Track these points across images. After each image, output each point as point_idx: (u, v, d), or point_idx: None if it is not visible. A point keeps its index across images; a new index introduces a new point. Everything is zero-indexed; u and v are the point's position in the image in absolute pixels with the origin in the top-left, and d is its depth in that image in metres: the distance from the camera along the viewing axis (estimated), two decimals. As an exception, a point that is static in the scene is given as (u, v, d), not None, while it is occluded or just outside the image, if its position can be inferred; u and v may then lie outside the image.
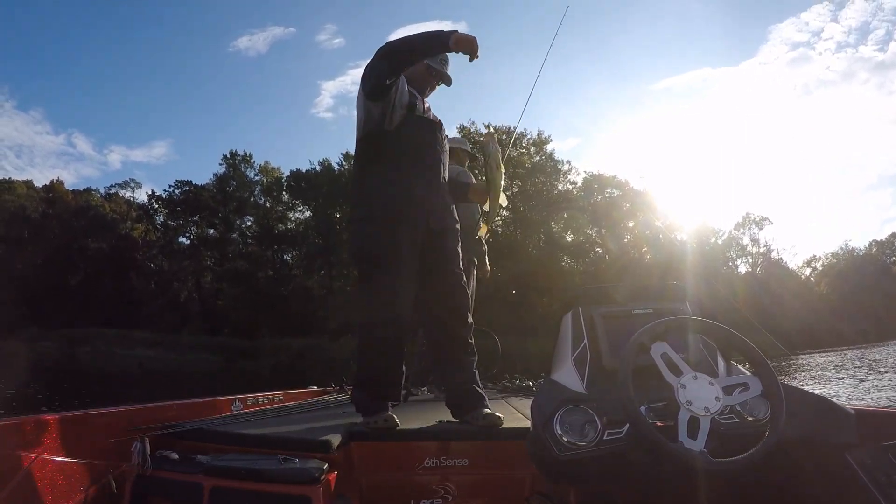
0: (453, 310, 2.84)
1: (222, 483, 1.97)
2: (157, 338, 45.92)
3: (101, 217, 57.83)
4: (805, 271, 58.34)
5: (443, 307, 2.84)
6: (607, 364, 2.05)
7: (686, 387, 1.75)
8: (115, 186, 63.22)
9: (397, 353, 2.73)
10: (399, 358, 2.74)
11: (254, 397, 3.68)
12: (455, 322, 2.83)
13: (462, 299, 2.86)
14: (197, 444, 2.29)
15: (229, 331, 46.13)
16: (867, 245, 60.33)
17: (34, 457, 1.75)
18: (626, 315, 2.18)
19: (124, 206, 60.69)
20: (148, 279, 50.44)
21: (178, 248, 54.22)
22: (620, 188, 51.84)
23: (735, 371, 2.05)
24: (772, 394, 1.76)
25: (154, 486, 2.00)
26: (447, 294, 2.84)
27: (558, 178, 52.66)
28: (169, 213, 55.53)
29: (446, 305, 2.84)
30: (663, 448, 1.64)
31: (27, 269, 53.48)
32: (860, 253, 59.17)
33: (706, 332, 1.96)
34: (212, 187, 54.83)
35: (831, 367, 21.01)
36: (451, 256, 2.87)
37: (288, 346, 38.82)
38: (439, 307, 2.84)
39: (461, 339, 2.83)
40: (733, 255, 54.64)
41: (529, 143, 51.90)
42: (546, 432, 1.82)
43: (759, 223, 54.18)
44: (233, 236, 54.58)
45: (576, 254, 50.28)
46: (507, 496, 2.47)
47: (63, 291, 53.35)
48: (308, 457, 2.16)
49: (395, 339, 2.71)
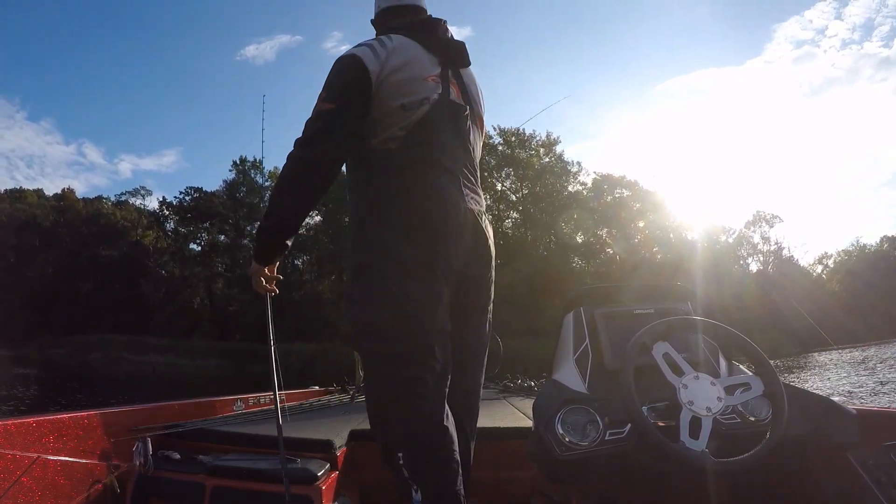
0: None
1: (224, 483, 1.97)
2: (169, 344, 46.15)
3: (111, 225, 58.26)
4: (816, 269, 57.95)
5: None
6: (609, 364, 2.05)
7: (688, 387, 1.74)
8: (126, 194, 63.78)
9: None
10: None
11: (255, 397, 3.68)
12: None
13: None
14: (198, 444, 2.29)
15: (240, 336, 46.22)
16: (879, 241, 59.87)
17: (37, 456, 1.76)
18: (628, 315, 2.17)
19: (135, 214, 61.08)
20: (159, 286, 50.59)
21: (189, 254, 54.35)
22: (630, 188, 51.70)
23: (737, 371, 2.04)
24: (773, 394, 1.75)
25: (156, 486, 2.01)
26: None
27: (568, 179, 52.58)
28: (179, 220, 55.79)
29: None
30: (665, 448, 1.64)
31: (39, 277, 53.93)
32: (872, 249, 58.69)
33: (708, 331, 1.96)
34: (222, 193, 55.11)
35: (843, 364, 20.85)
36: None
37: (299, 350, 38.83)
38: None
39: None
40: (744, 253, 54.36)
41: (539, 144, 51.87)
42: (548, 432, 1.82)
43: (769, 221, 53.87)
44: (244, 242, 54.68)
45: (586, 255, 50.13)
46: (510, 496, 2.47)
47: (74, 299, 53.76)
48: (309, 457, 2.17)
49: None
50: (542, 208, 50.72)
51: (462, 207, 1.93)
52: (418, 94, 1.91)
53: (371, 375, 1.89)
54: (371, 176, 1.92)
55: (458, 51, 2.11)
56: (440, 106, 1.96)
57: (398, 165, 1.89)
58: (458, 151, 2.01)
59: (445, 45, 2.07)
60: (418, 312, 1.82)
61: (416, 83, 1.92)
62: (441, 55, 2.03)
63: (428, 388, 1.80)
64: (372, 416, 1.92)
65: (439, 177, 1.91)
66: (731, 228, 54.87)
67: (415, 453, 1.76)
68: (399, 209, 1.85)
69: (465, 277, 1.97)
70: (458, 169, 1.99)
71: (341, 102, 1.84)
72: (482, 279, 2.08)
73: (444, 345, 1.85)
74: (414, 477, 1.73)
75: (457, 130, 2.03)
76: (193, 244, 55.98)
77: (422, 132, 1.91)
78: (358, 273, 1.89)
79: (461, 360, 1.98)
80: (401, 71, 1.89)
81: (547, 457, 1.80)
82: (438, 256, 1.85)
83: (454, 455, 1.79)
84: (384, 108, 1.88)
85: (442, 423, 1.80)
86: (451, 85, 2.04)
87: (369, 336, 1.85)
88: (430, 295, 1.84)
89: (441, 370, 1.84)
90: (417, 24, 2.07)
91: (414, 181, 1.88)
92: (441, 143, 1.96)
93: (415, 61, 1.95)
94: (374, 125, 1.89)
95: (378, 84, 1.86)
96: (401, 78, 1.89)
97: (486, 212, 2.10)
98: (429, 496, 1.72)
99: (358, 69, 1.85)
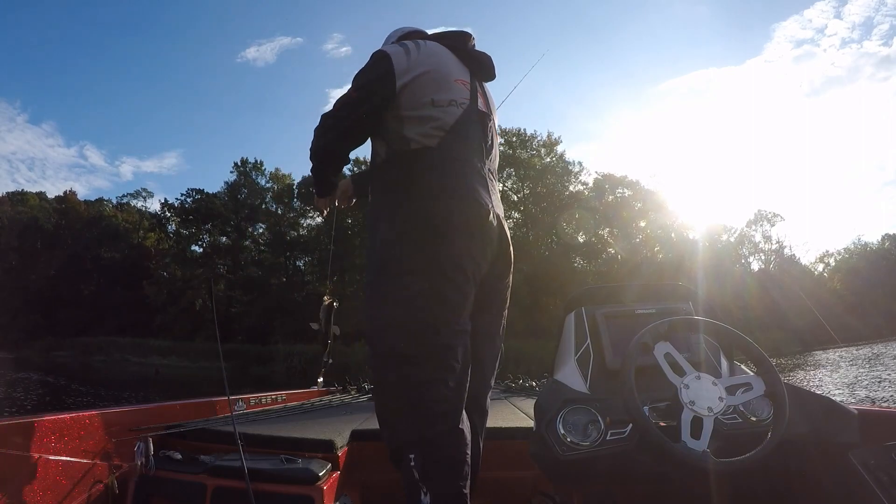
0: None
1: (225, 483, 1.97)
2: (171, 345, 46.20)
3: (113, 227, 58.46)
4: (818, 267, 57.92)
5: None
6: (610, 364, 2.05)
7: (689, 387, 1.74)
8: (127, 196, 64.01)
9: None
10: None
11: (257, 397, 3.67)
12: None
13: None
14: (200, 444, 2.29)
15: (243, 337, 46.28)
16: (880, 239, 59.78)
17: (37, 456, 1.76)
18: (629, 315, 2.17)
19: (136, 216, 61.23)
20: (161, 288, 50.60)
21: (190, 256, 54.31)
22: (631, 188, 51.64)
23: (738, 371, 2.04)
24: (775, 394, 1.75)
25: (157, 487, 2.01)
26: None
27: (569, 179, 52.54)
28: (181, 222, 55.85)
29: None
30: (666, 448, 1.64)
31: (41, 279, 54.08)
32: (873, 248, 58.60)
33: (709, 331, 1.96)
34: (223, 195, 55.14)
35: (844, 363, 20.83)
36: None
37: (301, 351, 38.85)
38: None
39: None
40: (746, 252, 54.29)
41: (540, 144, 51.84)
42: (549, 432, 1.81)
43: (771, 220, 53.80)
44: (245, 243, 54.72)
45: (587, 254, 50.05)
46: (511, 496, 2.47)
47: (77, 301, 53.94)
48: (311, 457, 2.17)
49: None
50: (543, 208, 50.66)
51: (492, 210, 1.97)
52: (447, 93, 2.00)
53: (386, 375, 1.86)
54: (405, 172, 1.96)
55: (485, 64, 2.21)
56: (471, 112, 2.05)
57: (434, 164, 1.94)
58: (486, 157, 2.08)
59: (473, 57, 2.16)
60: (443, 311, 1.84)
61: (444, 83, 2.01)
62: (469, 65, 2.14)
63: (448, 388, 1.80)
64: (382, 415, 1.91)
65: (472, 178, 1.97)
66: (732, 227, 54.84)
67: (427, 454, 1.74)
68: (434, 207, 1.89)
69: (487, 280, 2.01)
70: (486, 173, 2.05)
71: (363, 93, 1.97)
72: (501, 283, 2.13)
73: (466, 345, 1.87)
74: (424, 478, 1.71)
75: (484, 137, 2.10)
76: (195, 246, 56.08)
77: (457, 133, 1.98)
78: (384, 268, 1.90)
79: (475, 361, 1.99)
80: (430, 70, 1.99)
81: (548, 457, 1.80)
82: (468, 256, 1.88)
83: (466, 458, 1.79)
84: (415, 103, 1.96)
85: (458, 426, 1.80)
86: (479, 95, 2.12)
87: (391, 334, 1.85)
88: (458, 294, 1.87)
89: (461, 371, 1.84)
90: (448, 35, 2.19)
91: (449, 180, 1.93)
92: (473, 147, 2.03)
93: (444, 63, 2.05)
94: (410, 122, 1.96)
95: (406, 82, 1.95)
96: (430, 76, 1.98)
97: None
98: (437, 499, 1.70)
99: (385, 65, 1.96)
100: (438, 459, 1.75)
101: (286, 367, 37.76)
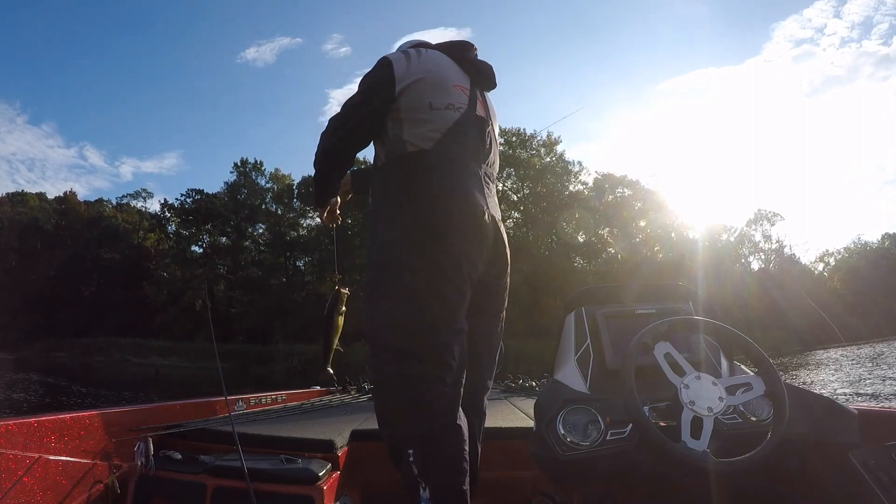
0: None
1: (225, 483, 1.97)
2: (171, 346, 46.17)
3: (113, 227, 58.46)
4: (818, 266, 57.85)
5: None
6: (610, 364, 2.05)
7: (689, 387, 1.74)
8: (127, 197, 64.01)
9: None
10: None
11: (257, 397, 3.66)
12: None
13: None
14: (200, 444, 2.29)
15: (243, 338, 46.27)
16: (880, 239, 59.69)
17: (37, 457, 1.75)
18: (629, 315, 2.17)
19: (136, 216, 61.22)
20: (161, 288, 50.58)
21: (190, 256, 54.29)
22: (631, 188, 51.59)
23: (738, 371, 2.04)
24: (775, 394, 1.75)
25: (157, 487, 2.00)
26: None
27: (569, 178, 52.47)
28: (181, 222, 55.82)
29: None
30: (666, 448, 1.64)
31: (41, 279, 54.10)
32: (873, 247, 58.54)
33: (709, 331, 1.96)
34: (223, 195, 55.09)
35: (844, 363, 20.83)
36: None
37: (301, 351, 38.87)
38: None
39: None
40: (746, 251, 54.22)
41: (539, 144, 51.78)
42: (549, 432, 1.82)
43: (770, 219, 53.72)
44: (245, 244, 54.70)
45: (587, 254, 50.00)
46: (511, 496, 2.47)
47: (77, 301, 53.96)
48: (311, 457, 2.17)
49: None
50: (543, 208, 50.61)
51: (487, 212, 2.00)
52: (445, 97, 2.04)
53: (385, 371, 1.89)
54: (404, 175, 2.00)
55: (485, 73, 2.25)
56: (468, 116, 2.09)
57: (431, 165, 1.98)
58: (483, 160, 2.12)
59: (474, 65, 2.23)
60: (442, 310, 1.87)
61: (443, 87, 2.06)
62: (470, 73, 2.19)
63: (445, 385, 1.84)
64: (381, 412, 1.94)
65: (467, 179, 2.01)
66: (732, 227, 54.73)
67: (426, 451, 1.77)
68: (434, 207, 1.93)
69: (483, 281, 2.04)
70: (483, 176, 2.09)
71: (365, 97, 2.05)
72: (499, 284, 2.16)
73: (462, 344, 1.91)
74: (423, 475, 1.73)
75: (482, 141, 2.15)
76: (195, 246, 56.05)
77: (454, 136, 2.02)
78: (384, 268, 1.94)
79: (472, 361, 2.02)
80: (429, 74, 2.04)
81: (548, 457, 1.80)
82: (465, 256, 1.92)
83: (464, 454, 1.81)
84: (414, 106, 2.01)
85: (456, 422, 1.83)
86: (478, 101, 2.17)
87: (391, 331, 1.88)
88: (456, 294, 1.90)
89: (458, 369, 1.88)
90: (450, 44, 2.25)
91: (447, 181, 1.97)
92: (469, 149, 2.08)
93: (443, 69, 2.10)
94: (409, 124, 2.02)
95: (405, 86, 2.00)
96: (429, 81, 2.03)
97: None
98: (436, 494, 1.73)
99: (386, 70, 2.03)
100: (437, 456, 1.77)
101: (286, 368, 37.77)
